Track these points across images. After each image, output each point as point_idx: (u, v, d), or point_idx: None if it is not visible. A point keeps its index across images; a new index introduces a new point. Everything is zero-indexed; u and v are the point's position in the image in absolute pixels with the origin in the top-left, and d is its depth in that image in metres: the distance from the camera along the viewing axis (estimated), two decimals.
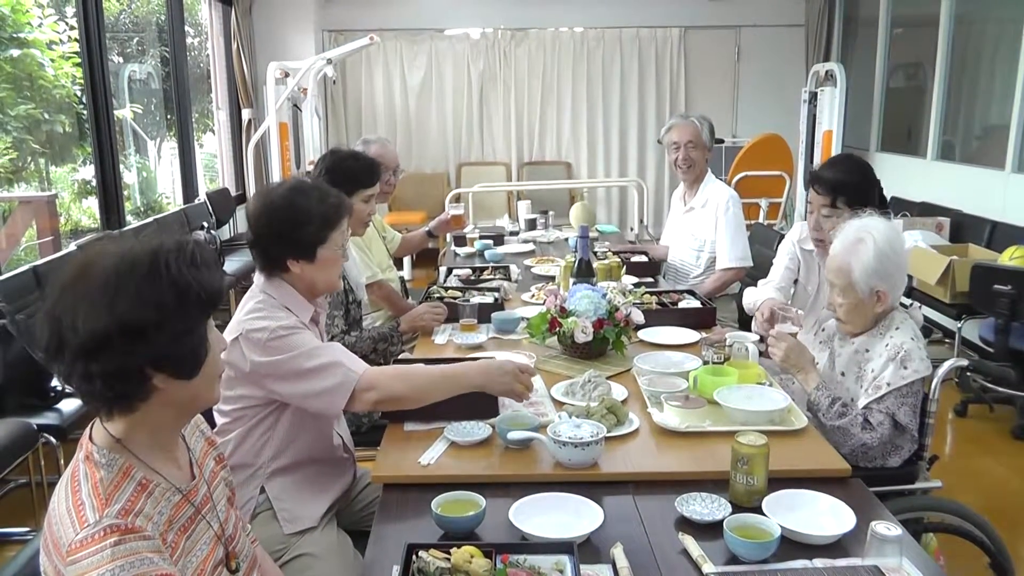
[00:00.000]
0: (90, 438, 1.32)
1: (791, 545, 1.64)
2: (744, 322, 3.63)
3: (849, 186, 2.74)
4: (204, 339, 1.35)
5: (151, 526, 1.26)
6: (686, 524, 1.73)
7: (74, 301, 1.24)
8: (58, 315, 1.24)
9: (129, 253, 1.28)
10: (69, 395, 3.48)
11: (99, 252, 1.29)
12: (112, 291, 1.24)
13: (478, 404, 2.20)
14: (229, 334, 2.05)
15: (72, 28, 5.77)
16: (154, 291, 1.25)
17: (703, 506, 1.78)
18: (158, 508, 1.31)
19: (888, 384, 2.18)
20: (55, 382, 3.52)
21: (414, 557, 1.55)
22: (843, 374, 2.36)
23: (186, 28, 7.37)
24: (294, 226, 2.14)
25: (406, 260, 7.28)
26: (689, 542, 1.64)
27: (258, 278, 2.22)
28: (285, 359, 2.01)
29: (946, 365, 2.40)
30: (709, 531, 1.70)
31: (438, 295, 3.39)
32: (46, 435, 3.29)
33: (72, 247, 4.56)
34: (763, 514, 1.69)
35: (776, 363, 2.43)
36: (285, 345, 2.02)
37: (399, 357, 2.79)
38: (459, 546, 1.55)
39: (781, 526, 1.63)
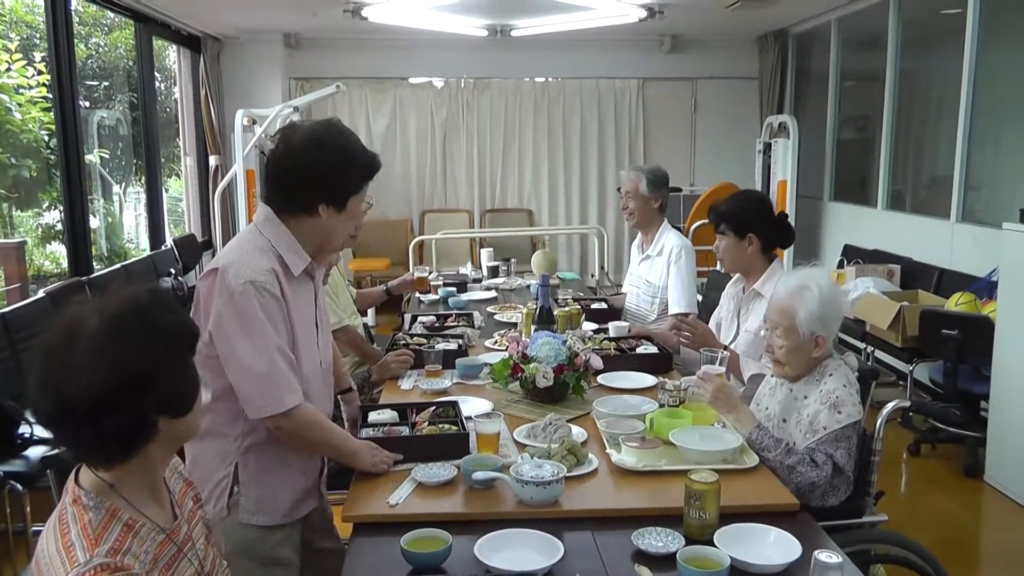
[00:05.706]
0: (76, 482, 1.38)
1: (741, 575, 1.74)
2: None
3: (727, 215, 3.18)
4: (196, 375, 1.43)
5: (138, 564, 1.33)
6: (642, 556, 1.82)
7: (69, 365, 1.28)
8: (57, 382, 1.28)
9: (110, 310, 1.33)
10: (36, 442, 3.46)
11: (79, 314, 1.33)
12: (110, 349, 1.29)
13: (448, 445, 2.29)
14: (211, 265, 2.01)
15: (40, 72, 5.82)
16: (146, 342, 1.33)
17: (658, 539, 1.86)
18: (144, 547, 1.37)
19: (824, 428, 2.31)
20: (22, 429, 3.50)
21: None
22: (784, 420, 2.49)
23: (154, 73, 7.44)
24: (338, 167, 2.00)
25: None
26: (645, 573, 1.73)
27: (259, 214, 2.07)
28: (235, 330, 1.92)
29: (889, 406, 2.57)
30: (664, 563, 1.78)
31: (403, 342, 3.45)
32: (12, 482, 3.29)
33: (41, 294, 4.56)
34: (715, 546, 1.79)
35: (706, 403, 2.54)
36: (247, 313, 1.92)
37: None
38: None
39: (731, 557, 1.73)
